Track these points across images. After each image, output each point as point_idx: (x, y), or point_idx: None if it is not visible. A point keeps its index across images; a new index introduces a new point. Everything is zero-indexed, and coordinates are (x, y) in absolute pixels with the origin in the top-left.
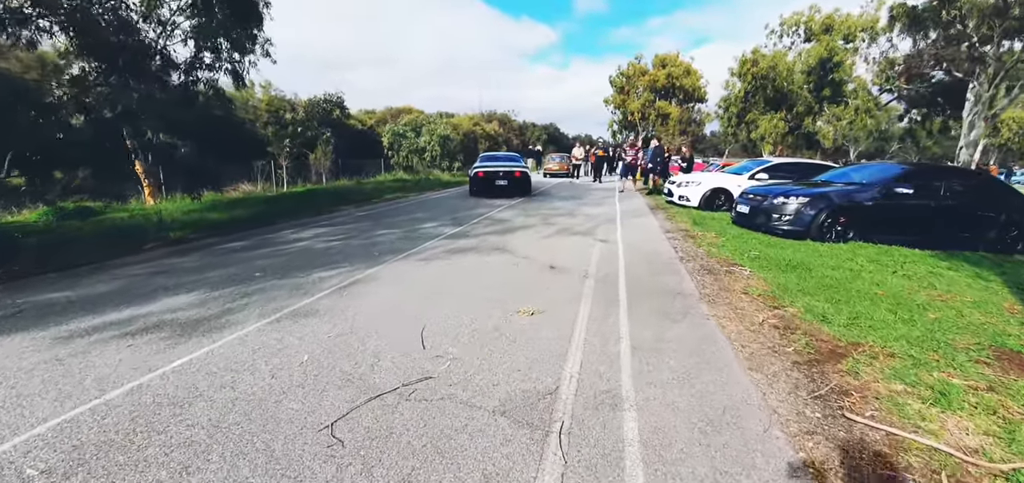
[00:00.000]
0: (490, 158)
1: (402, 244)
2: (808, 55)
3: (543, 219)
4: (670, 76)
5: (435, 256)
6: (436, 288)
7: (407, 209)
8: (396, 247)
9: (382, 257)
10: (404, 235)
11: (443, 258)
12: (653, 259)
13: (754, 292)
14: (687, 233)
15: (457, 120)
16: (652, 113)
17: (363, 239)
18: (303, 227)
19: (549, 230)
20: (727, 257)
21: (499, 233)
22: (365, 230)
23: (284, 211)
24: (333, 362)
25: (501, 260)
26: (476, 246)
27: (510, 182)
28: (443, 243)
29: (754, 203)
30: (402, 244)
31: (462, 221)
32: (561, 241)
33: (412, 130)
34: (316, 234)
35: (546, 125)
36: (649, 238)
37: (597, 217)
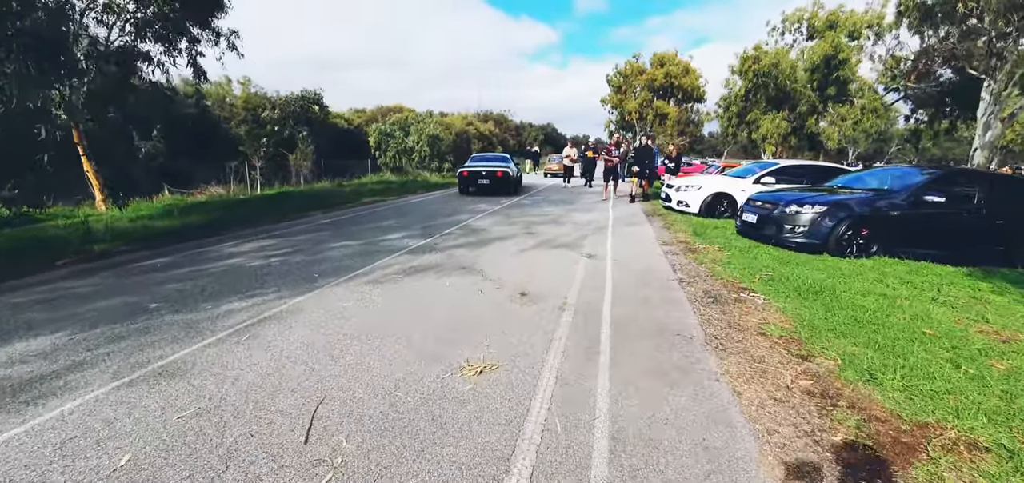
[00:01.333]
0: (478, 158)
1: (352, 261)
2: (812, 52)
3: (525, 228)
4: (668, 75)
5: (385, 279)
6: (366, 330)
7: (379, 215)
8: (343, 266)
9: (320, 280)
10: (360, 249)
11: (392, 282)
12: (647, 281)
13: (773, 331)
14: (687, 246)
15: (450, 119)
16: (650, 113)
17: (310, 254)
18: (252, 237)
19: (530, 242)
20: (735, 279)
21: (471, 246)
22: (319, 242)
23: (243, 217)
24: (156, 473)
25: (464, 284)
26: (439, 264)
27: (492, 181)
28: (401, 260)
29: (763, 211)
30: (352, 261)
31: (434, 230)
32: (541, 257)
33: (400, 129)
34: (259, 247)
35: (544, 125)
36: (643, 252)
37: (587, 225)
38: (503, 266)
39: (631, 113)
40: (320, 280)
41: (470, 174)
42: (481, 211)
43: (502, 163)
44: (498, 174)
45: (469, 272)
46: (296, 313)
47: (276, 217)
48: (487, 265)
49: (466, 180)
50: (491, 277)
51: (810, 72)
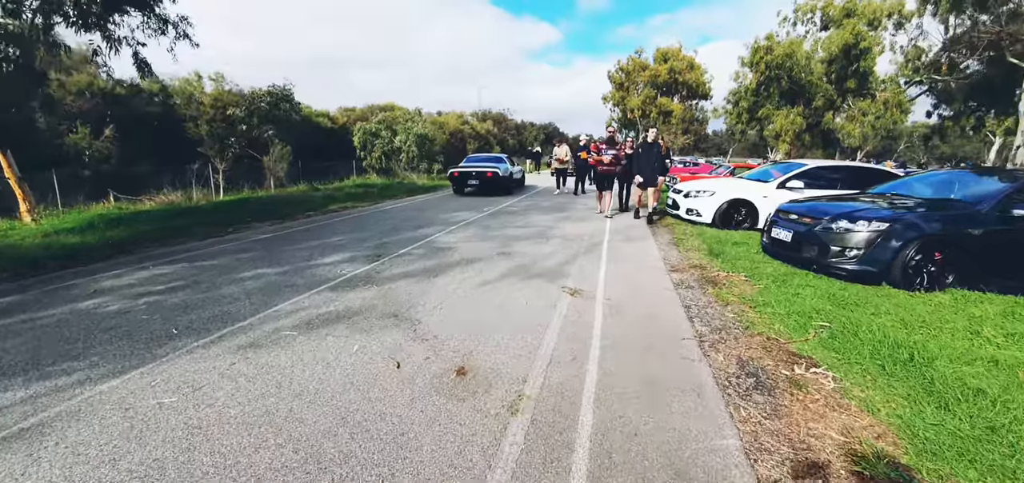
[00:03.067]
0: (472, 159)
1: (247, 303)
2: (830, 42)
3: (502, 245)
4: (672, 71)
5: (271, 337)
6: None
7: (335, 228)
8: (228, 312)
9: (174, 341)
10: (274, 281)
11: (278, 345)
12: (651, 342)
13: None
14: (703, 273)
15: (444, 118)
16: (653, 110)
17: (200, 290)
18: (157, 261)
19: (501, 267)
20: (780, 333)
21: (421, 276)
22: (229, 269)
23: (173, 231)
24: None
25: (378, 349)
26: (363, 308)
27: (482, 182)
28: (317, 301)
29: (800, 227)
30: (247, 303)
31: (388, 249)
32: (509, 293)
33: (386, 128)
34: (148, 278)
35: (545, 124)
36: (646, 284)
37: (577, 240)
38: (451, 311)
39: (634, 110)
40: (176, 340)
41: (461, 175)
42: (457, 221)
43: (493, 163)
44: (487, 175)
45: (398, 323)
46: (69, 421)
47: (211, 231)
48: (428, 311)
49: (457, 180)
50: (426, 333)
51: (827, 63)
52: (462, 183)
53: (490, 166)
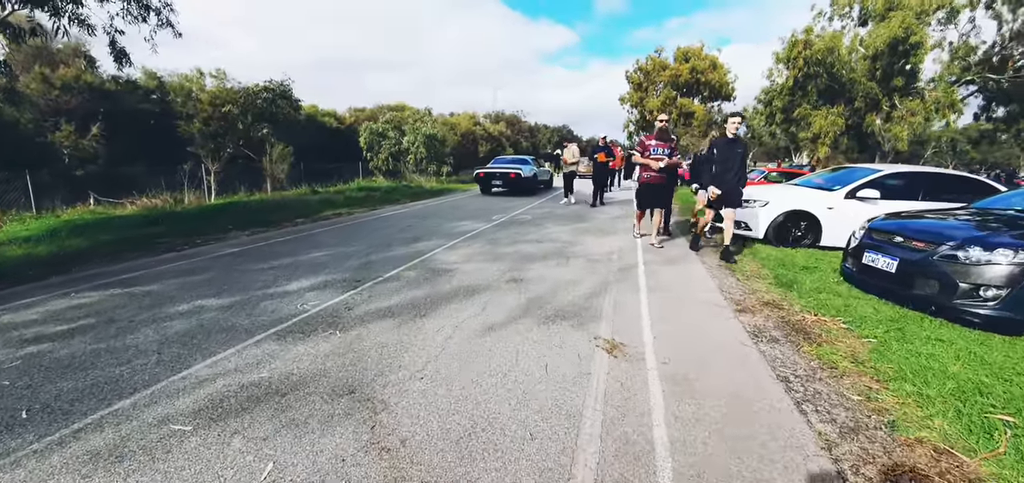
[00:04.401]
0: (498, 161)
1: (144, 366)
2: (875, 36)
3: (512, 267)
4: (694, 70)
5: (133, 444)
6: None
7: (316, 240)
8: (113, 381)
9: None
10: (208, 322)
11: (137, 458)
12: (753, 453)
13: None
14: (783, 316)
15: (455, 119)
16: (674, 111)
17: (107, 336)
18: (87, 282)
19: (509, 303)
20: (948, 438)
21: (404, 317)
22: (162, 300)
23: (140, 240)
24: None
25: (302, 478)
26: (306, 378)
27: (505, 182)
28: (246, 361)
29: (908, 253)
30: (144, 366)
31: (372, 271)
32: (520, 347)
33: (394, 129)
34: (51, 314)
35: (559, 127)
36: (711, 334)
37: (604, 261)
38: (436, 386)
39: (653, 112)
40: (12, 433)
41: (486, 175)
42: (462, 233)
43: (517, 165)
44: (511, 176)
45: (353, 409)
46: None
47: (177, 241)
48: (402, 383)
49: (483, 181)
50: (391, 435)
51: (871, 60)
52: (488, 183)
53: (514, 167)
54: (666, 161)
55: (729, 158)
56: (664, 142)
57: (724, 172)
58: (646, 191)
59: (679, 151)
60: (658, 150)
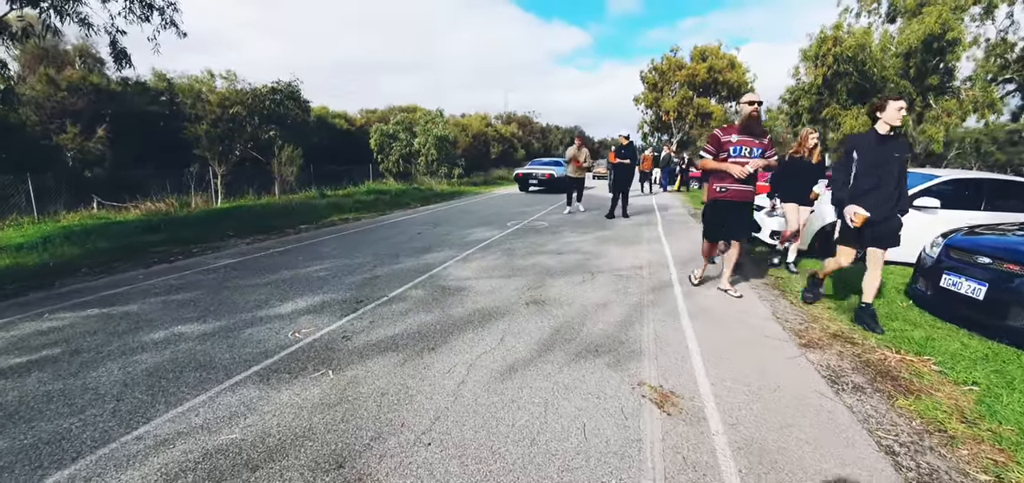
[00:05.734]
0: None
1: (98, 418)
2: (909, 33)
3: (532, 284)
4: (711, 70)
5: None
6: None
7: (318, 250)
8: (56, 439)
9: None
10: (184, 355)
11: None
12: None
13: None
14: (859, 354)
15: (467, 120)
16: (690, 112)
17: (66, 373)
18: (62, 301)
19: (531, 333)
20: None
21: (409, 351)
22: (138, 325)
23: (134, 248)
24: None
25: None
26: (285, 441)
27: (540, 182)
28: (216, 412)
29: (999, 276)
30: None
31: (376, 289)
32: (549, 397)
33: (404, 130)
34: (12, 342)
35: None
36: (779, 379)
37: (634, 277)
38: (447, 454)
39: (668, 112)
40: None
41: (524, 176)
42: (474, 242)
43: (552, 166)
44: (546, 176)
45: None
46: None
47: (172, 250)
48: (404, 451)
49: (521, 180)
50: None
51: (904, 57)
52: (526, 183)
53: (549, 169)
54: (758, 165)
55: (880, 165)
56: (753, 138)
57: (873, 188)
58: (722, 212)
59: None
60: (743, 149)
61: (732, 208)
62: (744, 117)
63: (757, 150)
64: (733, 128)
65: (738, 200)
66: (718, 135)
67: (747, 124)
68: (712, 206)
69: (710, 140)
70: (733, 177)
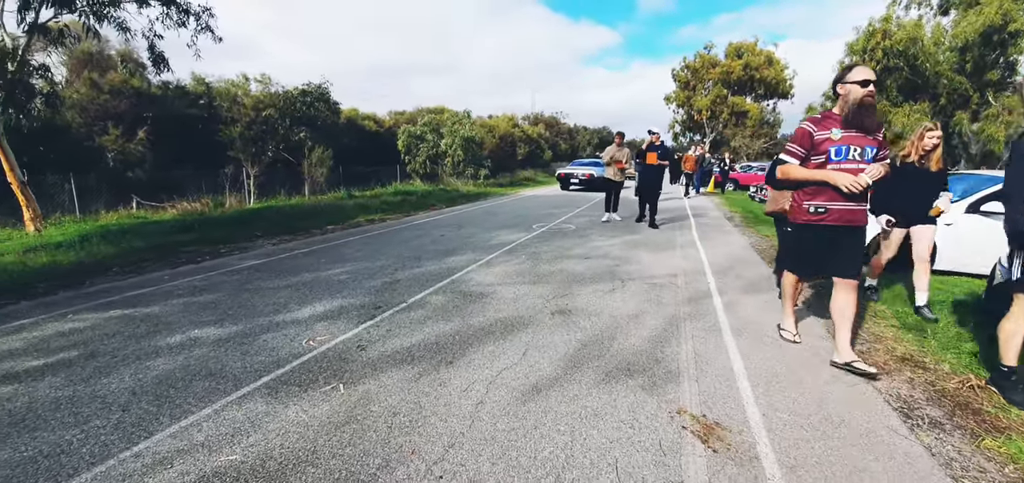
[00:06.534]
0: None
1: (97, 431)
2: (965, 25)
3: (557, 292)
4: (748, 67)
5: None
6: None
7: (341, 252)
8: (54, 453)
9: None
10: (196, 361)
11: None
12: None
13: None
14: (932, 382)
15: (494, 121)
16: (724, 111)
17: (79, 378)
18: (89, 301)
19: (557, 347)
20: None
21: (426, 363)
22: (157, 328)
23: (165, 248)
24: None
25: None
26: (286, 465)
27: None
28: (219, 429)
29: None
30: (97, 431)
31: (396, 294)
32: (576, 424)
33: (431, 131)
34: (30, 345)
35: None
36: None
37: (667, 286)
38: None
39: (701, 111)
40: None
41: (566, 175)
42: (499, 245)
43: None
44: (586, 176)
45: None
46: None
47: (201, 250)
48: (412, 480)
49: (563, 180)
50: None
51: (959, 51)
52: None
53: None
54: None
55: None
56: (865, 133)
57: None
58: (818, 241)
59: None
60: (850, 150)
61: (835, 237)
62: (853, 104)
63: (870, 150)
64: (831, 118)
65: (845, 224)
66: (809, 130)
67: (857, 114)
68: (802, 233)
69: (797, 138)
70: (838, 193)
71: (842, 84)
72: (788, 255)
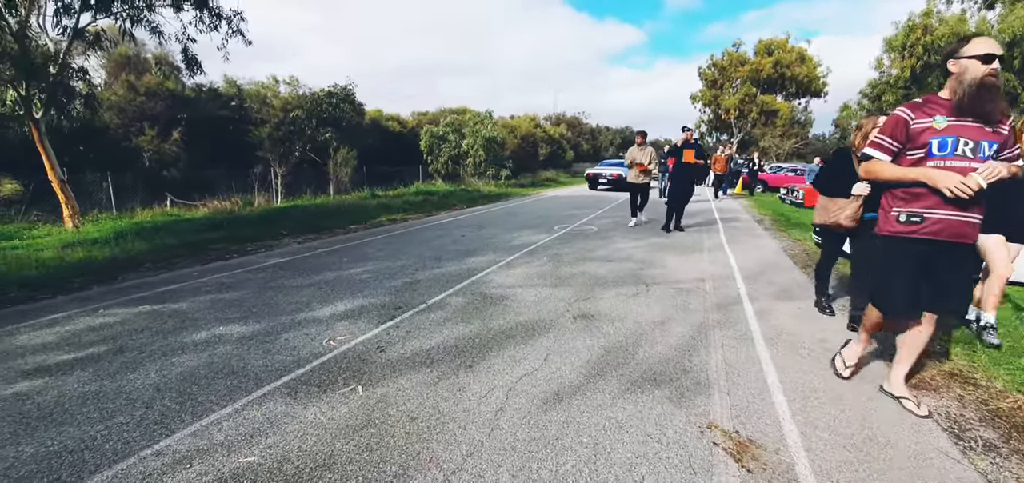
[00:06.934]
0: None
1: (117, 428)
2: (1013, 19)
3: (579, 296)
4: (778, 64)
5: None
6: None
7: (363, 251)
8: (72, 451)
9: None
10: (220, 359)
11: None
12: None
13: None
14: (988, 402)
15: (515, 121)
16: (753, 110)
17: (105, 374)
18: (119, 296)
19: (579, 352)
20: None
21: (445, 367)
22: (183, 324)
23: (194, 245)
24: None
25: None
26: (303, 472)
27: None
28: (236, 430)
29: None
30: (117, 428)
31: (416, 295)
32: (600, 435)
33: (453, 132)
34: (56, 342)
35: (621, 129)
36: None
37: (695, 291)
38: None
39: (729, 111)
40: None
41: (594, 175)
42: (519, 246)
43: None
44: (614, 176)
45: None
46: None
47: (229, 248)
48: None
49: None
50: None
51: (1006, 47)
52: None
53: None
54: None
55: None
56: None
57: None
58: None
59: None
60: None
61: (933, 255)
62: (970, 85)
63: (988, 145)
64: (935, 103)
65: (947, 239)
66: (904, 118)
67: (976, 97)
68: (893, 247)
69: (888, 127)
70: (940, 197)
71: (954, 60)
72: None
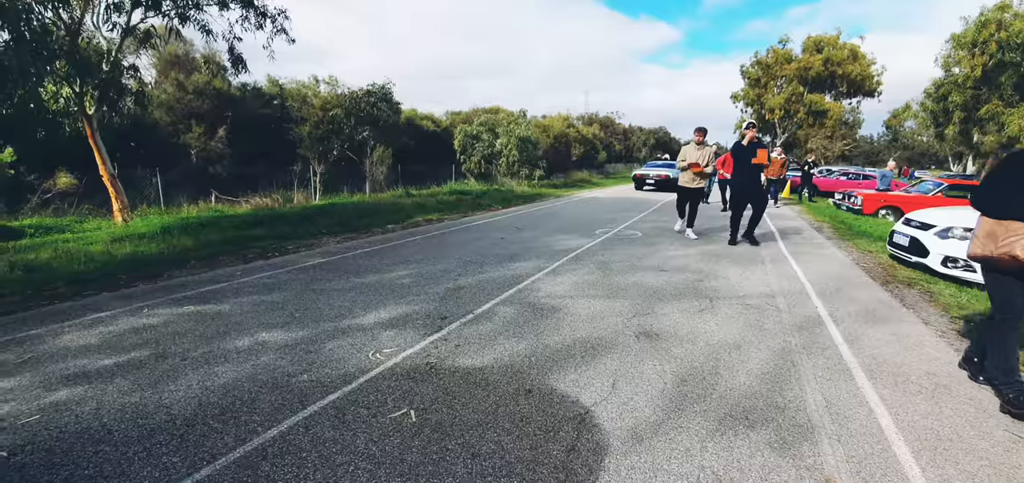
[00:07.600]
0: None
1: (152, 447)
2: None
3: (637, 310)
4: (829, 62)
5: None
6: None
7: (403, 253)
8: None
9: None
10: (263, 370)
11: None
12: None
13: None
14: None
15: (548, 121)
16: (800, 110)
17: (145, 382)
18: (165, 294)
19: (651, 381)
20: None
21: (492, 394)
22: (227, 328)
23: (238, 241)
24: None
25: None
26: None
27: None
28: (282, 455)
29: None
30: (152, 447)
31: (461, 303)
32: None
33: (487, 131)
34: (97, 343)
35: (655, 129)
36: None
37: (766, 307)
38: None
39: (773, 110)
40: None
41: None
42: (565, 250)
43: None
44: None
45: None
46: None
47: (272, 245)
48: None
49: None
50: None
51: None
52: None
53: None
54: None
55: None
56: None
57: None
58: None
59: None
60: None
61: None
62: None
63: None
64: None
65: None
66: None
67: None
68: None
69: None
70: None
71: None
72: None
